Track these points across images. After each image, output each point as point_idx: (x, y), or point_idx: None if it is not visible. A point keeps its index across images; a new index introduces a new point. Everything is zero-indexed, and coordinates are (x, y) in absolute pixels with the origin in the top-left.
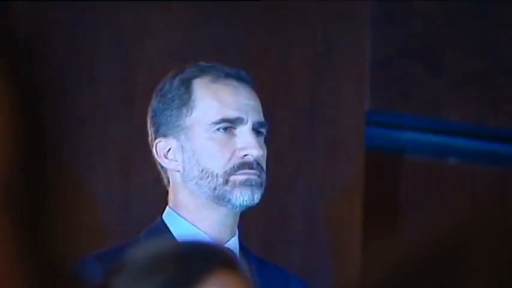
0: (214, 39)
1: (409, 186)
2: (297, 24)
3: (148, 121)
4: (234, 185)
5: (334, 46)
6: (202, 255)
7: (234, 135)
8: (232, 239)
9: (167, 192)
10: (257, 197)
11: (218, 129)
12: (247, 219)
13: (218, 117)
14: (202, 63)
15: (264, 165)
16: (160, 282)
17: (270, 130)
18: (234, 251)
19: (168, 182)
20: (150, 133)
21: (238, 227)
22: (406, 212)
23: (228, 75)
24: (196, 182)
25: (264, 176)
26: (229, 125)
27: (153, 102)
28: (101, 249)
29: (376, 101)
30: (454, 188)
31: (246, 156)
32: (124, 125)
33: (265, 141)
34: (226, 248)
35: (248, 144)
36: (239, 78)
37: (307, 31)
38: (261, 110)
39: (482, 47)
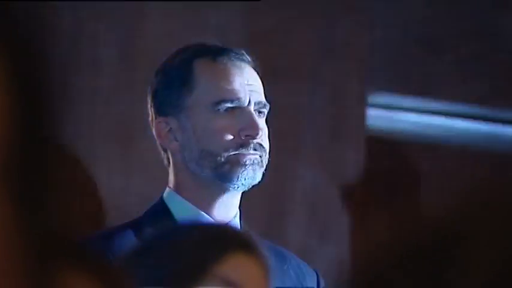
0: (216, 20)
1: (409, 168)
2: (299, 4)
3: (149, 100)
4: (235, 164)
5: (336, 27)
6: (219, 239)
7: (235, 115)
8: (234, 219)
9: (168, 173)
10: (258, 176)
11: (219, 110)
12: (249, 200)
13: (219, 98)
14: (203, 42)
15: (265, 144)
16: (179, 268)
17: (271, 111)
18: None
19: (169, 162)
20: (150, 113)
21: (240, 207)
22: (406, 195)
23: (229, 55)
24: (197, 162)
25: (265, 155)
26: (230, 105)
27: (154, 82)
28: (104, 228)
29: (377, 82)
30: (456, 170)
31: (247, 137)
32: (124, 107)
33: (267, 122)
34: (243, 231)
35: (249, 125)
36: (240, 58)
37: (309, 12)
38: (262, 90)
39: (482, 27)
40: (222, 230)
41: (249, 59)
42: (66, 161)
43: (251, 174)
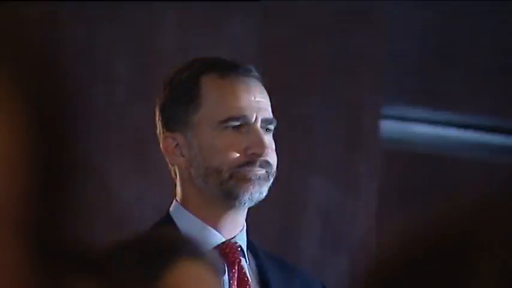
0: (230, 34)
1: (423, 178)
2: (313, 17)
3: (157, 113)
4: (241, 181)
5: (350, 40)
6: (164, 248)
7: (241, 132)
8: (240, 233)
9: (175, 184)
10: (264, 192)
11: (225, 127)
12: (262, 213)
13: (225, 116)
14: (211, 57)
15: (272, 160)
16: (125, 277)
17: (286, 124)
18: (242, 245)
19: (176, 175)
20: (158, 126)
21: (246, 220)
22: (419, 205)
23: (236, 71)
24: (203, 179)
25: (272, 171)
26: (236, 123)
27: (162, 95)
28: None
29: (391, 94)
30: (468, 180)
31: (254, 155)
32: (139, 119)
33: (276, 136)
34: (191, 238)
35: (256, 143)
36: (248, 74)
37: (323, 24)
38: (269, 106)
39: (496, 41)
40: (167, 239)
41: (257, 75)
42: (81, 174)
43: (257, 190)
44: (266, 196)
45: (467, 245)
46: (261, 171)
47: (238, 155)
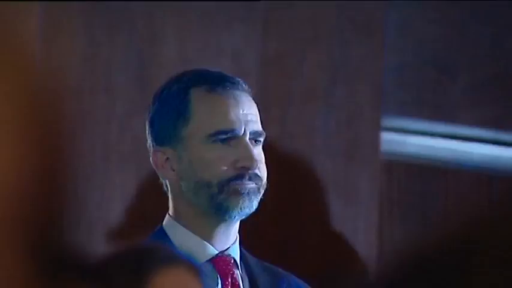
0: (230, 44)
1: (423, 191)
2: (313, 28)
3: (147, 126)
4: (231, 195)
5: (350, 51)
6: (142, 258)
7: (230, 146)
8: (233, 245)
9: (167, 198)
10: (254, 205)
11: (214, 141)
12: (261, 223)
13: (214, 130)
14: (199, 70)
15: (262, 173)
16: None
17: (285, 135)
18: (235, 257)
19: (167, 188)
20: (148, 140)
21: (239, 232)
22: (421, 218)
23: (224, 85)
24: (194, 193)
25: (262, 183)
26: (225, 136)
27: (152, 108)
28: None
29: (391, 106)
30: (470, 193)
31: (243, 168)
32: (139, 132)
33: (265, 149)
34: (165, 247)
35: (245, 156)
36: (236, 87)
37: (324, 36)
38: (258, 119)
39: (496, 51)
40: (144, 249)
41: (245, 87)
42: (80, 184)
43: (247, 204)
44: (264, 207)
45: (467, 257)
46: (251, 185)
47: (227, 168)
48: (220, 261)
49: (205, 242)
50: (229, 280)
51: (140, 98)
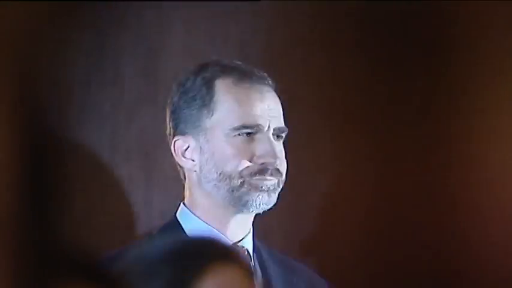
0: (236, 38)
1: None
2: (319, 23)
3: (168, 114)
4: (251, 189)
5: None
6: (199, 253)
7: (253, 140)
8: (247, 236)
9: (183, 186)
10: (273, 200)
11: (238, 134)
12: (269, 219)
13: (239, 123)
14: (225, 61)
15: (282, 169)
16: (159, 285)
17: (290, 128)
18: (248, 248)
19: (185, 177)
20: (168, 127)
21: (253, 224)
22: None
23: (251, 78)
24: (215, 184)
25: (282, 179)
26: (249, 131)
27: (174, 97)
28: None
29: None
30: None
31: (264, 164)
32: (146, 122)
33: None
34: (226, 243)
35: (267, 152)
36: (262, 82)
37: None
38: (281, 114)
39: None
40: (203, 244)
41: (271, 83)
42: (87, 177)
43: (266, 199)
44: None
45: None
46: (272, 181)
47: (250, 163)
48: None
49: (219, 232)
50: None
51: (148, 90)
